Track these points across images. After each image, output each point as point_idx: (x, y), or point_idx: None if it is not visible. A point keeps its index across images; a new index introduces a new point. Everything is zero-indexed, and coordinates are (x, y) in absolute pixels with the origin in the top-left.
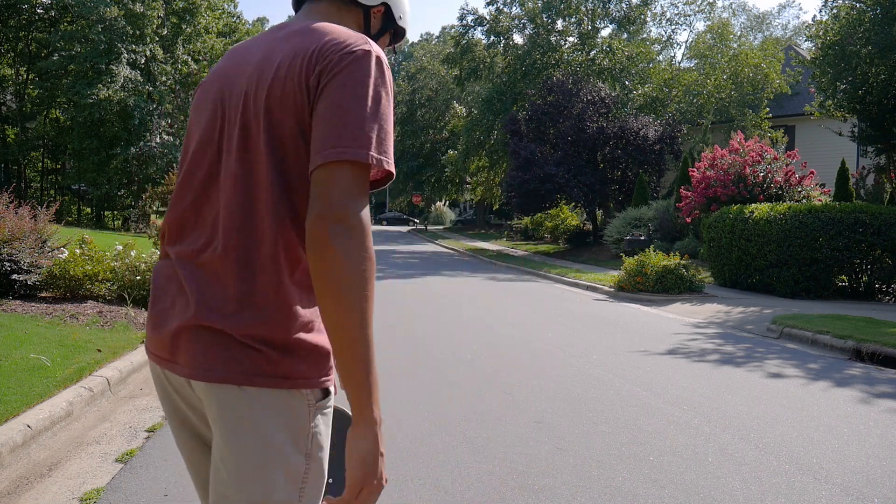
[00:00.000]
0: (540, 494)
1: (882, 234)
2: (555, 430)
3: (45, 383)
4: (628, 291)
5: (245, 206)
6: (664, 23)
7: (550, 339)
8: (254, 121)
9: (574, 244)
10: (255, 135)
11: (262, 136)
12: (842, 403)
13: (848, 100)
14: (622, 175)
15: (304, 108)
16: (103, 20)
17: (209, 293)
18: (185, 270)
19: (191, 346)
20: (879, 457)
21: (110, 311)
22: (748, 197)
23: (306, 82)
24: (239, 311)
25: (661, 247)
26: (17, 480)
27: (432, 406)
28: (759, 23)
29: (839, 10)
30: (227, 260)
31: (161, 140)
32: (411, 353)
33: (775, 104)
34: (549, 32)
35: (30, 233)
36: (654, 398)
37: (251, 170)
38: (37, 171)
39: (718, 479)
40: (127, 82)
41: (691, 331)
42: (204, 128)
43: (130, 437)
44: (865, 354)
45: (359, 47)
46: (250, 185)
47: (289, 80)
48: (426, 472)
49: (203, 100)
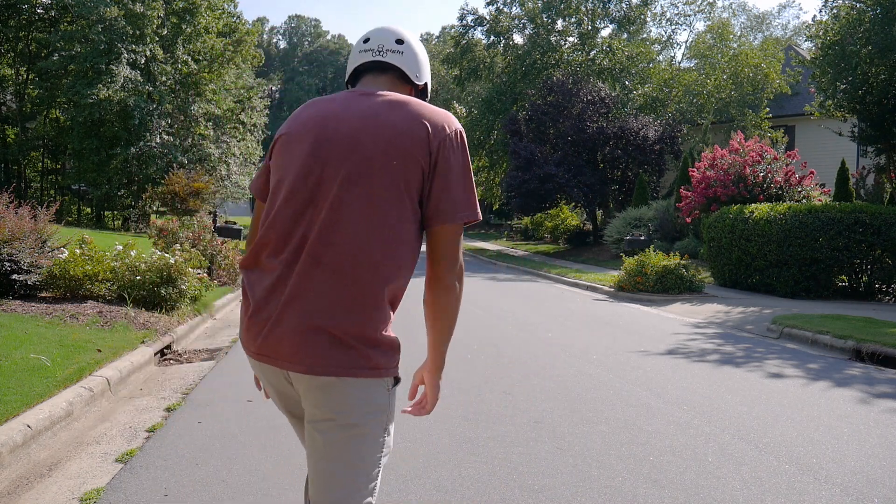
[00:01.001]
0: (540, 494)
1: (882, 234)
2: (555, 430)
3: (45, 383)
4: (628, 291)
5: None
6: (664, 23)
7: (550, 339)
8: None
9: (574, 244)
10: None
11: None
12: (842, 403)
13: (848, 100)
14: (622, 175)
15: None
16: (103, 20)
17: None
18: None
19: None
20: (879, 457)
21: (110, 311)
22: (748, 197)
23: (429, 153)
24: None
25: (661, 247)
26: (17, 480)
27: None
28: (759, 23)
29: (839, 10)
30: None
31: (161, 140)
32: (411, 354)
33: (775, 104)
34: (549, 32)
35: (30, 233)
36: (653, 398)
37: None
38: (37, 171)
39: (718, 479)
40: (127, 82)
41: (691, 331)
42: (302, 163)
43: (130, 437)
44: (865, 354)
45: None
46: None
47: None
48: (426, 471)
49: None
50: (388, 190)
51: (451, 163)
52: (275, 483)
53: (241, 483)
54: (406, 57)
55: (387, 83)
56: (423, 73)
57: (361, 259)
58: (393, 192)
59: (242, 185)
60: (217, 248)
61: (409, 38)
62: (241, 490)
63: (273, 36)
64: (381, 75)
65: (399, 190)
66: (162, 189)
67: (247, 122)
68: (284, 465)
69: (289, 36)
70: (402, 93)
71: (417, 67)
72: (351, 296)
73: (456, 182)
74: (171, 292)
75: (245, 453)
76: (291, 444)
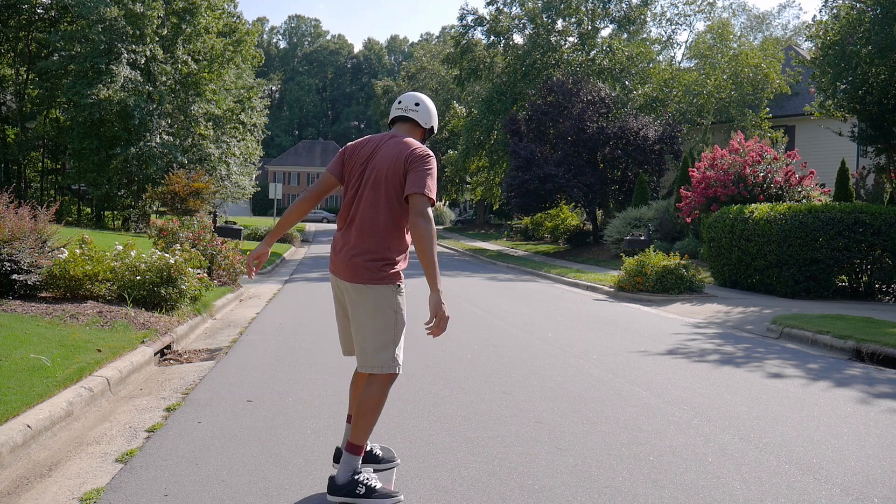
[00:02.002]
0: (540, 494)
1: (882, 234)
2: (555, 430)
3: (45, 383)
4: (628, 291)
5: (373, 210)
6: (664, 23)
7: (550, 338)
8: (382, 176)
9: (574, 244)
10: (381, 181)
11: (384, 182)
12: (842, 403)
13: (848, 100)
14: (622, 175)
15: (402, 174)
16: (103, 20)
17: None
18: (346, 236)
19: (346, 266)
20: (879, 457)
21: (110, 311)
22: (748, 197)
23: (404, 166)
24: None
25: (661, 247)
26: (17, 480)
27: (432, 406)
28: (759, 23)
29: (839, 10)
30: (364, 232)
31: (161, 140)
32: (411, 354)
33: (775, 104)
34: (549, 32)
35: (30, 233)
36: (654, 398)
37: (377, 195)
38: (37, 171)
39: (718, 479)
40: (127, 82)
41: (691, 331)
42: (357, 175)
43: (130, 437)
44: (865, 354)
45: (423, 150)
46: (376, 201)
47: (397, 163)
48: (426, 471)
49: (356, 160)
50: (390, 190)
51: (415, 166)
52: (275, 483)
53: (241, 483)
54: (420, 113)
55: (408, 128)
56: (430, 120)
57: (378, 223)
58: (393, 191)
59: (242, 184)
60: (217, 248)
61: (424, 100)
62: (241, 490)
63: (273, 36)
64: (405, 123)
65: (397, 190)
66: (162, 189)
67: (247, 122)
68: (284, 465)
69: (289, 36)
70: (416, 133)
71: (427, 119)
72: (370, 243)
73: (417, 175)
74: (171, 292)
75: (245, 453)
76: (291, 444)
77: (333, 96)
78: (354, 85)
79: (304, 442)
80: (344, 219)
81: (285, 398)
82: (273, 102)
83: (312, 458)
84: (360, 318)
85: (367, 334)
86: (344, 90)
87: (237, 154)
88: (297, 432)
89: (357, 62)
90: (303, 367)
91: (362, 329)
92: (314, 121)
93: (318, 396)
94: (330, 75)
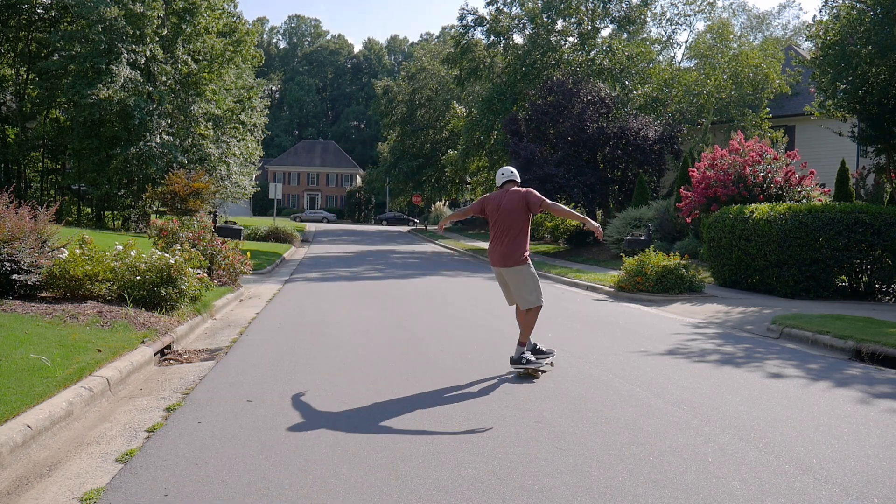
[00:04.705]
0: (540, 494)
1: (882, 234)
2: (555, 430)
3: (45, 383)
4: (628, 291)
5: (513, 231)
6: (664, 23)
7: (550, 339)
8: (512, 210)
9: (574, 244)
10: (511, 214)
11: (514, 214)
12: (842, 403)
13: (848, 100)
14: (622, 175)
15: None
16: (103, 20)
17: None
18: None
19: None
20: (879, 457)
21: (110, 311)
22: (748, 197)
23: (525, 203)
24: (513, 252)
25: (661, 247)
26: (17, 480)
27: (432, 406)
28: (759, 23)
29: (839, 10)
30: (510, 243)
31: (161, 140)
32: (412, 354)
33: (775, 104)
34: (549, 32)
35: (30, 233)
36: (654, 398)
37: (512, 221)
38: (37, 171)
39: (718, 479)
40: (127, 82)
41: (691, 331)
42: (499, 212)
43: (130, 437)
44: (865, 354)
45: (527, 188)
46: (513, 225)
47: (520, 201)
48: (426, 471)
49: (495, 203)
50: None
51: (529, 195)
52: (275, 483)
53: (241, 483)
54: (515, 176)
55: (512, 185)
56: (518, 178)
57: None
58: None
59: (242, 184)
60: (217, 248)
61: (514, 171)
62: (241, 490)
63: (273, 36)
64: (509, 183)
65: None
66: (162, 189)
67: (247, 122)
68: (284, 464)
69: (289, 36)
70: (514, 186)
71: (516, 178)
72: (512, 247)
73: (535, 198)
74: (171, 292)
75: (245, 453)
76: (291, 444)
77: (333, 96)
78: (354, 85)
79: (304, 442)
80: (496, 238)
81: (285, 398)
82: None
83: (312, 459)
84: (517, 282)
85: (522, 291)
86: (344, 90)
87: (237, 154)
88: (297, 432)
89: (357, 62)
90: (303, 367)
91: (519, 289)
92: (314, 121)
93: (318, 396)
94: (330, 75)
